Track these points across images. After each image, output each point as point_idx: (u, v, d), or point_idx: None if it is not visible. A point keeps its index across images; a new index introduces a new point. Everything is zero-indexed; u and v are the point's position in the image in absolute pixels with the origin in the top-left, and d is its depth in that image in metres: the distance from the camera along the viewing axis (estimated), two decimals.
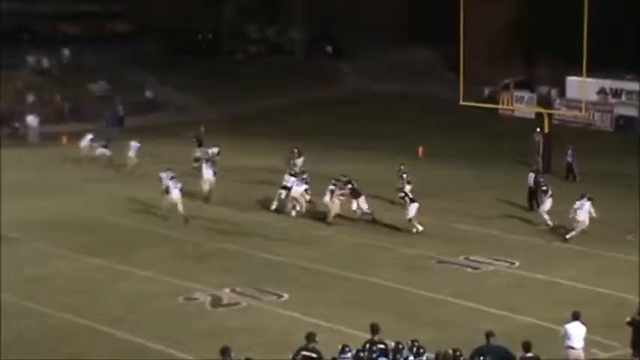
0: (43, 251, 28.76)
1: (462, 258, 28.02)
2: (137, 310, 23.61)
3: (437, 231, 31.26)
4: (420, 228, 30.62)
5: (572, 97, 52.65)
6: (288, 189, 33.06)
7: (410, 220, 30.74)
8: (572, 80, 52.01)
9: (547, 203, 31.73)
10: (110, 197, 35.88)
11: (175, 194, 32.05)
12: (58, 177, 39.04)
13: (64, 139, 46.96)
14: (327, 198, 32.05)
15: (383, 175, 40.43)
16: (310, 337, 16.98)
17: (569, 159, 40.45)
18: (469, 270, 27.13)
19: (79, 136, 44.02)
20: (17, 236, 30.24)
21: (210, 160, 36.67)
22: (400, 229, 30.91)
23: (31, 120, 50.60)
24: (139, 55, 64.22)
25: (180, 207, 31.82)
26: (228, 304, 24.04)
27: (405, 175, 33.53)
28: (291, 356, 16.91)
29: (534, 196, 33.72)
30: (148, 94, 59.85)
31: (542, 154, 41.98)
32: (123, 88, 58.94)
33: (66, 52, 62.25)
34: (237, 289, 24.98)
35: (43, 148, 46.96)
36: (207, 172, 35.05)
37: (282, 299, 24.35)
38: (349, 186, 32.55)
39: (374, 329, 17.24)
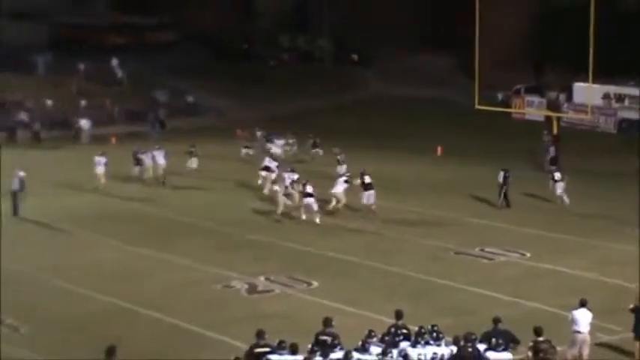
0: (91, 241, 28.86)
1: (477, 249, 27.86)
2: (177, 296, 23.62)
3: (454, 224, 31.16)
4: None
5: (579, 101, 52.26)
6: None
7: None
8: (579, 86, 51.62)
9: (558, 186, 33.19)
10: (151, 192, 35.92)
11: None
12: (106, 174, 39.00)
13: (113, 140, 47.12)
14: (336, 189, 31.55)
15: (402, 173, 40.37)
16: (327, 321, 16.70)
17: (553, 153, 40.68)
18: (484, 261, 26.97)
19: (127, 137, 44.14)
20: (68, 227, 30.37)
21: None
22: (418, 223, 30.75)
23: (84, 123, 50.84)
24: (181, 62, 64.36)
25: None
26: (263, 291, 23.99)
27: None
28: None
29: (503, 193, 33.24)
30: (189, 98, 59.99)
31: (551, 155, 41.70)
32: (166, 93, 59.14)
33: (115, 60, 62.50)
34: (271, 277, 24.94)
35: (94, 148, 47.10)
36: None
37: (312, 287, 24.28)
38: (361, 179, 31.58)
39: (398, 315, 17.10)
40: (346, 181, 32.20)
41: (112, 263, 26.55)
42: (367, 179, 31.59)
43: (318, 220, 30.74)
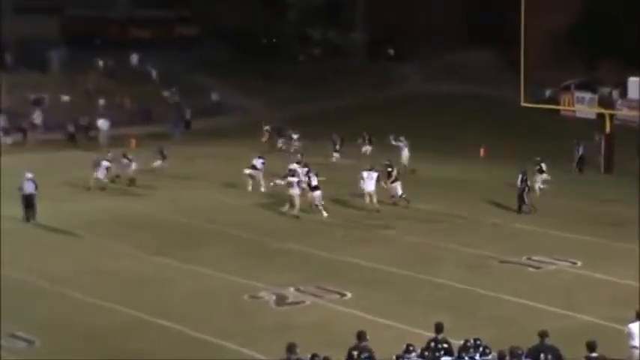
0: (111, 249, 29.02)
1: (524, 258, 27.70)
2: (203, 307, 23.67)
3: (499, 231, 31.01)
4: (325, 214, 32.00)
5: (634, 97, 51.85)
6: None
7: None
8: (634, 81, 51.29)
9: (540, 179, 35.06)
10: (172, 198, 36.13)
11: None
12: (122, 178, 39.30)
13: (133, 143, 47.37)
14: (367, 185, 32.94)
15: (441, 175, 40.28)
16: (361, 335, 16.61)
17: (577, 152, 40.37)
18: (531, 269, 26.81)
19: (147, 138, 44.31)
20: (87, 235, 30.56)
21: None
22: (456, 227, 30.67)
23: (102, 123, 51.14)
24: (205, 58, 64.61)
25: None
26: (293, 302, 23.99)
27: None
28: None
29: (522, 197, 33.08)
30: (214, 96, 60.19)
31: (603, 155, 41.44)
32: (189, 91, 59.43)
33: (135, 56, 62.89)
34: (301, 288, 24.93)
35: (113, 150, 47.42)
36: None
37: (345, 298, 24.25)
38: (389, 170, 34.09)
39: (438, 328, 16.98)
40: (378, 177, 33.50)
41: (131, 272, 26.68)
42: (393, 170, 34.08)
43: (325, 214, 32.12)
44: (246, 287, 24.97)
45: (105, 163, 37.29)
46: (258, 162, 37.18)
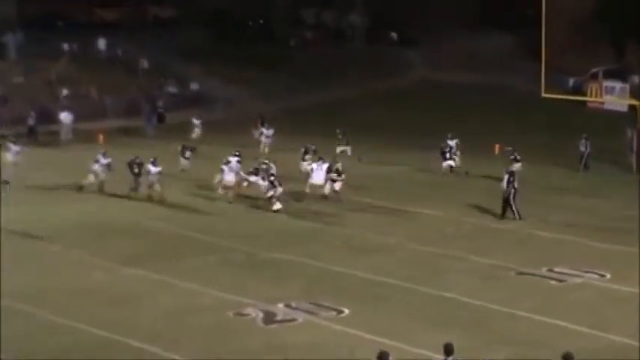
0: (79, 260, 29.04)
1: (545, 269, 27.80)
2: (181, 326, 23.70)
3: (517, 238, 31.12)
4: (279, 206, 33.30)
5: None
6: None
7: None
8: None
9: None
10: (150, 201, 36.18)
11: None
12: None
13: (101, 139, 47.42)
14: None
15: (451, 175, 40.39)
16: (383, 356, 16.63)
17: (583, 148, 40.55)
18: (553, 282, 26.91)
19: (117, 134, 44.33)
20: (52, 244, 30.59)
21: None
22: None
23: (64, 117, 51.15)
24: (183, 43, 64.68)
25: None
26: (283, 320, 24.03)
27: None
28: None
29: (508, 201, 33.20)
30: (193, 86, 60.27)
31: (636, 152, 41.58)
32: (165, 80, 59.49)
33: (102, 41, 62.89)
34: (293, 304, 24.99)
35: (77, 147, 47.49)
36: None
37: (343, 315, 24.31)
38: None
39: (448, 349, 17.06)
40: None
41: (102, 286, 26.72)
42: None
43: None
44: (230, 303, 25.02)
45: (104, 160, 37.33)
46: (233, 160, 37.20)
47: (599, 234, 31.28)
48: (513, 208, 33.18)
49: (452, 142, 41.61)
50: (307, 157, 39.39)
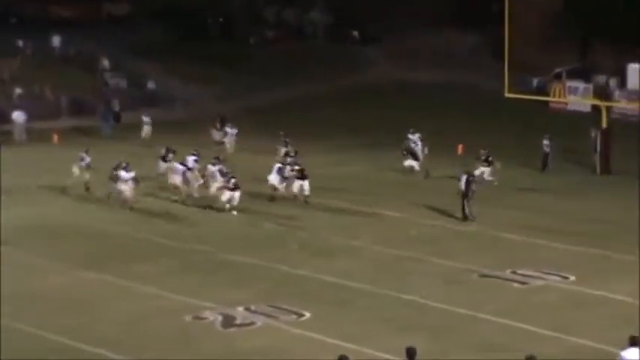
0: (33, 264, 28.91)
1: (508, 272, 27.97)
2: (139, 331, 23.69)
3: (480, 241, 31.27)
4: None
5: (634, 87, 52.47)
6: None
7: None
8: (634, 68, 51.93)
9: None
10: (108, 203, 36.02)
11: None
12: (49, 181, 39.14)
13: (55, 138, 47.16)
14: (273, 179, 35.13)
15: (413, 177, 40.49)
16: None
17: (547, 149, 40.90)
18: (516, 285, 27.08)
19: (73, 133, 44.12)
20: (5, 248, 30.39)
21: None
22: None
23: (17, 116, 50.81)
24: (140, 41, 64.40)
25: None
26: (242, 325, 24.06)
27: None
28: None
29: (467, 202, 33.46)
30: (150, 85, 60.05)
31: (599, 153, 41.86)
32: (121, 78, 59.21)
33: (56, 38, 62.49)
34: (252, 307, 25.01)
35: (31, 147, 47.19)
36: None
37: (303, 318, 24.36)
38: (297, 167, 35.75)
39: (410, 353, 17.17)
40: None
41: (57, 291, 26.62)
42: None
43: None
44: (188, 307, 25.01)
45: (87, 160, 37.18)
46: (190, 160, 37.18)
47: (562, 236, 31.46)
48: (466, 209, 33.29)
49: (414, 137, 41.71)
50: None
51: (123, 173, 35.26)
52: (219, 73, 61.32)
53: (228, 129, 46.08)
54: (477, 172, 36.50)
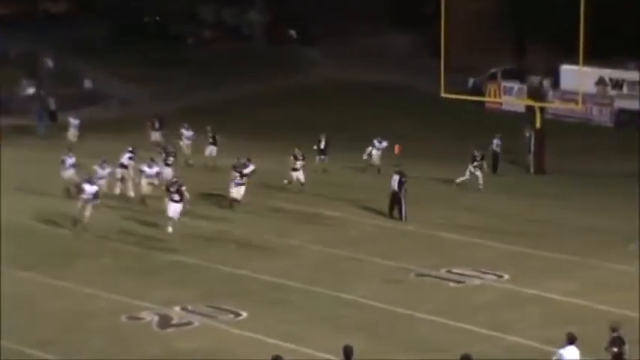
0: None
1: (443, 271, 28.04)
2: (75, 331, 23.39)
3: (418, 240, 31.31)
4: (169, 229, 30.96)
5: (567, 88, 52.95)
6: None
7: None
8: (567, 69, 52.28)
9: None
10: (44, 202, 35.59)
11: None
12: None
13: None
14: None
15: (350, 176, 40.54)
16: None
17: (496, 149, 41.21)
18: (452, 284, 27.15)
19: (9, 133, 43.53)
20: None
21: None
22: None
23: None
24: (76, 39, 63.83)
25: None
26: (179, 324, 23.85)
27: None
28: None
29: (397, 201, 33.49)
30: (87, 84, 59.52)
31: (533, 153, 42.19)
32: (57, 77, 58.58)
33: None
34: (189, 307, 24.82)
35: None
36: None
37: (241, 318, 24.22)
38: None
39: (347, 352, 17.11)
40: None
41: None
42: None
43: None
44: (125, 307, 24.76)
45: (70, 161, 36.47)
46: (125, 157, 36.73)
47: (498, 235, 31.63)
48: (404, 210, 33.30)
49: (380, 145, 41.43)
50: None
51: (86, 187, 33.98)
52: (157, 73, 60.94)
53: (184, 131, 44.21)
54: (466, 177, 36.83)
